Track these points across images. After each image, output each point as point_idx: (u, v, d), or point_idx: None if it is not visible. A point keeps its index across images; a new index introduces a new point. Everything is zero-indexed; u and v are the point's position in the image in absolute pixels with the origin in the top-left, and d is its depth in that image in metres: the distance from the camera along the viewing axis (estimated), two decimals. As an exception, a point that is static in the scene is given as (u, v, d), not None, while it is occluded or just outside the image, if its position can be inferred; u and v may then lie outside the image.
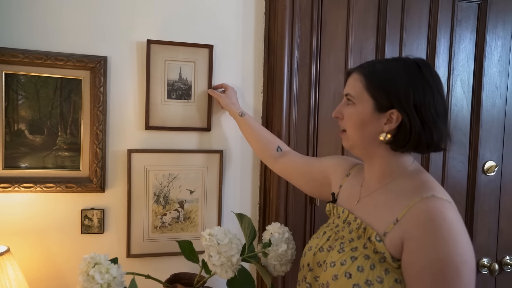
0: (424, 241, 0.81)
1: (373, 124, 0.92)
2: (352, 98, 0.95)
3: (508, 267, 1.66)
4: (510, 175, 1.66)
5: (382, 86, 0.91)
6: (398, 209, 0.87)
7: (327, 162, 1.19)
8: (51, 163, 1.31)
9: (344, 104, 0.99)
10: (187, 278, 1.23)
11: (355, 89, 0.95)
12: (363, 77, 0.94)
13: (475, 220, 1.62)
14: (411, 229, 0.83)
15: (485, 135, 1.62)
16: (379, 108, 0.91)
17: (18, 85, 1.28)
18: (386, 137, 0.91)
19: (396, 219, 0.87)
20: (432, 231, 0.80)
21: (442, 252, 0.79)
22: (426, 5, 1.55)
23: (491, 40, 1.60)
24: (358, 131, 0.95)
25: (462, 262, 0.79)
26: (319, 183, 1.18)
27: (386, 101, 0.90)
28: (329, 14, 1.47)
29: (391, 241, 0.86)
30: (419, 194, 0.86)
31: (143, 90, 1.38)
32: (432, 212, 0.82)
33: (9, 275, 1.13)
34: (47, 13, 1.29)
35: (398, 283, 0.84)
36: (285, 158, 1.27)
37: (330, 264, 0.92)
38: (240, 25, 1.45)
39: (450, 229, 0.80)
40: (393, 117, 0.90)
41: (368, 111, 0.92)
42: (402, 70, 0.90)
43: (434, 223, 0.81)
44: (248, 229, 1.19)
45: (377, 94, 0.91)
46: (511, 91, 1.64)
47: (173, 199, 1.41)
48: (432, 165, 1.57)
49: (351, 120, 0.96)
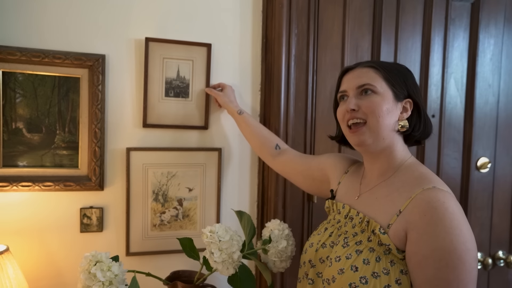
0: (427, 230, 0.83)
1: (394, 112, 0.96)
2: (372, 87, 0.95)
3: (501, 262, 1.69)
4: (503, 171, 1.69)
5: (398, 77, 0.97)
6: (400, 201, 0.90)
7: (325, 160, 1.20)
8: (49, 162, 1.31)
9: (357, 95, 0.97)
10: (187, 276, 1.24)
11: (373, 79, 0.96)
12: (379, 70, 0.97)
13: (468, 215, 1.65)
14: (414, 219, 0.85)
15: (478, 132, 1.65)
16: (397, 98, 0.96)
17: (16, 84, 1.27)
18: (405, 125, 0.97)
19: (399, 210, 0.89)
20: (435, 220, 0.83)
21: (445, 241, 0.81)
22: (420, 4, 1.57)
23: (483, 38, 1.63)
24: (383, 119, 0.94)
25: (464, 250, 0.81)
26: (317, 181, 1.20)
27: (403, 91, 0.97)
28: (326, 13, 1.49)
29: (395, 232, 0.88)
30: (420, 185, 0.89)
31: (141, 88, 1.38)
32: (435, 202, 0.84)
33: (9, 274, 1.12)
34: (45, 11, 1.28)
35: (403, 274, 0.86)
36: (284, 157, 1.28)
37: (335, 259, 0.93)
38: (238, 23, 1.46)
39: (453, 219, 0.82)
40: (407, 106, 0.97)
41: (390, 100, 0.96)
42: (403, 68, 1.00)
43: (437, 212, 0.83)
44: (248, 226, 1.20)
45: (396, 84, 0.96)
46: (504, 89, 1.67)
47: (172, 197, 1.41)
48: (427, 161, 1.60)
49: (379, 108, 0.94)
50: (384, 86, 0.96)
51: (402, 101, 0.97)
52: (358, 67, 1.00)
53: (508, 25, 1.65)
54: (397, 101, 0.96)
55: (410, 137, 1.00)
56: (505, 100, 1.68)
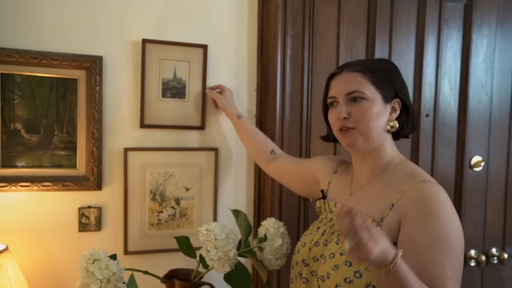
0: (421, 218, 0.86)
1: (384, 115, 0.99)
2: (361, 94, 0.97)
3: (494, 259, 1.71)
4: (496, 170, 1.72)
5: (385, 79, 0.98)
6: (392, 195, 0.93)
7: (315, 162, 1.23)
8: (47, 162, 1.32)
9: (347, 103, 0.99)
10: (184, 274, 1.25)
11: (362, 85, 0.98)
12: (366, 74, 0.98)
13: (462, 213, 1.67)
14: (407, 209, 0.89)
15: (472, 131, 1.67)
16: (386, 100, 0.98)
17: (14, 85, 1.28)
18: (394, 125, 1.00)
19: (391, 204, 0.92)
20: (428, 208, 0.86)
21: (439, 228, 0.85)
22: (414, 5, 1.59)
23: (476, 39, 1.65)
24: (374, 123, 0.97)
25: (455, 238, 0.86)
26: (308, 183, 1.23)
27: (391, 92, 0.99)
28: (321, 13, 1.50)
29: (388, 225, 0.91)
30: (411, 180, 0.93)
31: (138, 89, 1.39)
32: (427, 192, 0.88)
33: (8, 273, 1.14)
34: (42, 13, 1.30)
35: None
36: (277, 161, 1.31)
37: (329, 256, 0.95)
38: (233, 25, 1.47)
39: (445, 208, 0.87)
40: (395, 106, 1.00)
41: (380, 103, 0.98)
42: (386, 65, 1.02)
43: (430, 201, 0.87)
44: (244, 224, 1.22)
45: (385, 86, 0.98)
46: (497, 88, 1.70)
47: (169, 197, 1.43)
48: (421, 161, 1.62)
49: (368, 114, 0.96)
50: (373, 91, 0.97)
51: (391, 102, 1.00)
52: (344, 71, 1.01)
53: (500, 26, 1.67)
54: (386, 103, 0.99)
55: (398, 134, 1.04)
56: (498, 100, 1.70)
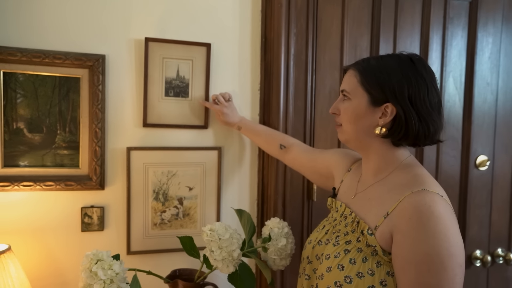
0: (411, 234, 0.82)
1: (368, 117, 0.95)
2: (347, 94, 0.98)
3: (500, 259, 1.70)
4: (501, 169, 1.70)
5: (376, 80, 0.93)
6: (389, 203, 0.89)
7: (330, 157, 1.21)
8: (50, 161, 1.32)
9: (340, 100, 1.02)
10: (187, 274, 1.25)
11: (350, 84, 0.98)
12: (358, 73, 0.96)
13: (467, 213, 1.65)
14: (399, 222, 0.85)
15: (477, 130, 1.66)
16: (374, 102, 0.93)
17: (17, 84, 1.28)
18: (381, 131, 0.93)
19: (386, 213, 0.88)
20: (419, 224, 0.81)
21: (428, 245, 0.80)
22: (418, 3, 1.57)
23: (482, 37, 1.64)
24: (353, 124, 0.97)
25: (447, 256, 0.79)
26: (324, 177, 1.22)
27: (380, 95, 0.92)
28: (324, 12, 1.49)
29: (381, 234, 0.88)
30: (410, 188, 0.87)
31: (141, 88, 1.38)
32: (420, 206, 0.83)
33: (11, 272, 1.13)
34: (45, 12, 1.29)
35: (389, 275, 0.87)
36: (291, 154, 1.31)
37: (325, 257, 0.95)
38: (237, 23, 1.46)
39: (438, 223, 0.81)
40: (387, 110, 0.92)
41: (363, 105, 0.95)
42: (395, 65, 0.92)
43: (422, 216, 0.82)
44: (248, 224, 1.21)
45: (372, 89, 0.93)
46: (502, 87, 1.68)
47: (172, 196, 1.42)
48: (425, 160, 1.60)
49: (346, 114, 0.98)
50: (360, 91, 0.95)
51: (381, 106, 0.93)
52: (350, 68, 1.01)
53: (506, 24, 1.66)
54: (374, 106, 0.93)
55: (398, 142, 0.95)
56: (503, 98, 1.68)
